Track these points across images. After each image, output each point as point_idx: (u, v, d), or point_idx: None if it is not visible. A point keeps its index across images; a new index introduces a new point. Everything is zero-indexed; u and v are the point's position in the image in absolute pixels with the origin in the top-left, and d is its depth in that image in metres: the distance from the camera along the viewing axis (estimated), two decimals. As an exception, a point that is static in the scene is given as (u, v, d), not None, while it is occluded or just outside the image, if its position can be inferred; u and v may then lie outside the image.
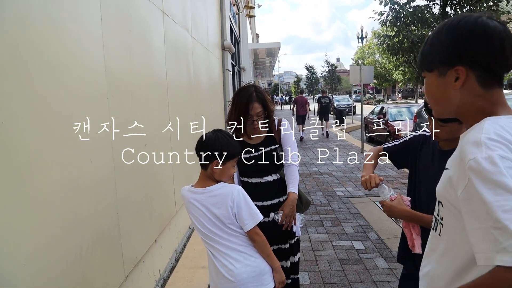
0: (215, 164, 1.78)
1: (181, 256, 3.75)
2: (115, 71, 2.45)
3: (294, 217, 2.31)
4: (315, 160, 9.34)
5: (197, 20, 5.48)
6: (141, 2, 3.03)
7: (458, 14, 8.39)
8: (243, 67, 14.24)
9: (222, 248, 1.81)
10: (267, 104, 2.34)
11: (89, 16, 2.13)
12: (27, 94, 1.54)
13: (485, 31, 0.95)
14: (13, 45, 1.47)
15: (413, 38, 11.43)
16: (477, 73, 0.97)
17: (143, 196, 2.92)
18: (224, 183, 1.85)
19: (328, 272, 3.48)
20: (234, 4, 11.89)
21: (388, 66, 31.16)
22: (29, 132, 1.55)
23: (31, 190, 1.55)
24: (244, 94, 2.30)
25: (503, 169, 0.81)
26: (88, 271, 1.98)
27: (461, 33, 0.97)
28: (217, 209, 1.77)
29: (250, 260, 1.81)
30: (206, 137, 1.81)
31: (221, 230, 1.79)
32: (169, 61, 3.78)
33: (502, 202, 0.79)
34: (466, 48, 0.97)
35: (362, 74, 10.37)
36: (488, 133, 0.88)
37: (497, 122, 0.93)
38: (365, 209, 5.28)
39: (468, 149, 0.88)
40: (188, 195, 1.85)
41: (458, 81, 0.99)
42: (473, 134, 0.91)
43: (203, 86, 5.78)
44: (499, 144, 0.85)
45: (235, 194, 1.77)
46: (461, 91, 1.00)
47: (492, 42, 0.94)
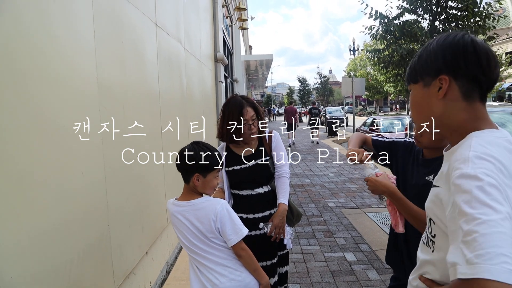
0: (196, 178, 1.76)
1: (172, 269, 3.72)
2: (107, 82, 2.46)
3: (284, 229, 2.31)
4: (307, 171, 9.37)
5: (190, 32, 5.53)
6: (134, 14, 3.06)
7: (446, 30, 8.48)
8: (236, 79, 14.32)
9: (206, 262, 1.78)
10: (258, 108, 2.38)
11: (82, 28, 2.15)
12: (18, 104, 1.55)
13: (471, 45, 0.99)
14: (7, 56, 1.48)
15: (402, 52, 11.62)
16: (460, 83, 1.00)
17: (134, 208, 2.91)
18: (208, 196, 1.83)
19: (320, 284, 3.47)
20: (227, 17, 12.01)
21: (379, 79, 31.53)
22: (20, 143, 1.55)
23: (21, 202, 1.55)
24: (235, 102, 2.32)
25: (486, 185, 0.81)
26: (78, 283, 1.96)
27: (448, 45, 1.02)
28: (200, 223, 1.74)
29: (235, 274, 1.78)
30: (184, 151, 1.79)
31: (205, 244, 1.77)
32: (162, 73, 3.80)
33: (477, 215, 0.77)
34: (450, 58, 1.01)
35: (354, 86, 10.49)
36: (476, 151, 0.89)
37: (483, 138, 0.94)
38: (357, 221, 5.29)
39: (456, 166, 0.89)
40: (172, 208, 1.83)
41: (441, 90, 1.02)
42: (461, 152, 0.92)
43: (196, 97, 5.80)
44: (485, 162, 0.86)
45: (219, 209, 1.74)
46: (444, 102, 1.03)
47: (477, 54, 0.98)
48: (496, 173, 0.84)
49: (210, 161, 1.78)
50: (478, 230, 0.75)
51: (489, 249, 0.72)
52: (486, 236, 0.74)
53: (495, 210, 0.77)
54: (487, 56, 0.99)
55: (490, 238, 0.73)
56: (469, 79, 1.00)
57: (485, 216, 0.76)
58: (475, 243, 0.74)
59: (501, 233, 0.74)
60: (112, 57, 2.57)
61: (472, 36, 1.01)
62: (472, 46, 0.99)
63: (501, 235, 0.74)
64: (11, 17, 1.52)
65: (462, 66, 0.99)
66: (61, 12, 1.91)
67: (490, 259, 0.71)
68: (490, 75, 1.00)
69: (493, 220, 0.75)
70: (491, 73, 1.00)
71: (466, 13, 10.47)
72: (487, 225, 0.75)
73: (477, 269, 0.71)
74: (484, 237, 0.74)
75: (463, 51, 0.99)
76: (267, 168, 2.38)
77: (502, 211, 0.77)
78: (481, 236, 0.74)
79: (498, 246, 0.72)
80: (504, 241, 0.73)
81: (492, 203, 0.78)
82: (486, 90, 1.03)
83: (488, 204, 0.78)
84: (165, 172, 3.75)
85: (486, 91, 1.03)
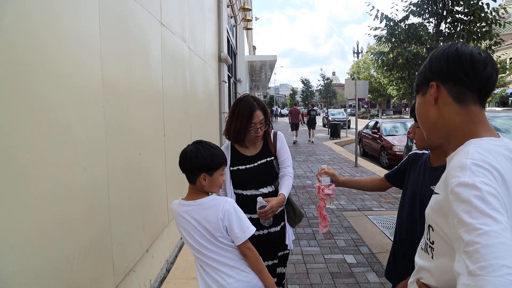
0: (203, 178, 1.76)
1: (172, 267, 3.73)
2: (112, 80, 2.47)
3: (272, 212, 2.26)
4: (309, 172, 9.37)
5: (195, 32, 5.54)
6: (140, 12, 3.07)
7: (452, 33, 8.45)
8: (239, 79, 14.33)
9: (213, 263, 1.77)
10: (267, 111, 2.38)
11: (88, 25, 2.16)
12: (23, 100, 1.56)
13: (454, 49, 1.04)
14: (11, 53, 1.49)
15: (407, 55, 11.59)
16: (448, 87, 1.04)
17: (136, 205, 2.92)
18: (215, 195, 1.82)
19: (319, 286, 3.47)
20: (232, 17, 12.02)
21: (383, 81, 31.47)
22: (23, 139, 1.56)
23: (23, 199, 1.55)
24: (246, 103, 2.31)
25: (485, 194, 0.80)
26: (79, 280, 1.96)
27: (437, 54, 1.08)
28: (208, 222, 1.74)
29: (242, 275, 1.77)
30: (188, 152, 1.78)
31: (212, 244, 1.76)
32: (166, 71, 3.81)
33: (477, 225, 0.77)
34: (436, 64, 1.07)
35: (357, 88, 10.47)
36: (473, 158, 0.89)
37: (481, 146, 0.94)
38: (357, 223, 5.29)
39: (453, 173, 0.89)
40: (178, 209, 1.81)
41: (431, 95, 1.07)
42: (458, 159, 0.93)
43: (199, 96, 5.81)
44: (483, 170, 0.86)
45: (226, 207, 1.74)
46: (437, 107, 1.07)
47: (458, 56, 1.02)
48: (494, 181, 0.84)
49: (215, 159, 1.78)
50: (480, 241, 0.74)
51: (492, 260, 0.71)
52: (488, 247, 0.73)
53: (495, 220, 0.77)
54: (471, 58, 1.01)
55: (492, 250, 0.73)
56: (455, 81, 1.03)
57: (486, 227, 0.76)
58: (477, 254, 0.73)
59: (503, 244, 0.73)
60: (117, 55, 2.58)
61: (460, 44, 1.04)
62: (455, 50, 1.03)
63: (503, 246, 0.73)
64: (15, 14, 1.53)
65: (444, 69, 1.04)
66: (66, 9, 1.92)
67: (494, 271, 0.70)
68: (475, 76, 1.01)
69: (495, 231, 0.75)
70: (476, 74, 1.01)
71: (472, 18, 10.43)
72: (488, 236, 0.74)
73: (481, 282, 0.71)
74: (487, 249, 0.73)
75: (446, 56, 1.04)
76: (272, 168, 2.38)
77: (502, 221, 0.77)
78: (483, 248, 0.73)
79: (501, 258, 0.72)
80: (506, 252, 0.72)
81: (492, 212, 0.78)
82: (485, 94, 1.03)
83: (488, 214, 0.77)
84: (167, 170, 3.76)
85: (484, 94, 1.03)
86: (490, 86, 1.03)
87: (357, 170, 9.64)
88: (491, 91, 1.04)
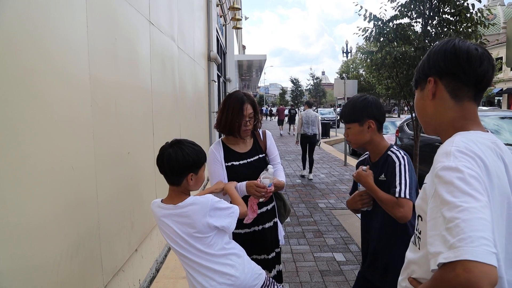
0: (190, 177, 1.74)
1: (162, 266, 3.71)
2: (100, 78, 2.45)
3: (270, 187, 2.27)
4: (298, 171, 9.40)
5: (184, 31, 5.51)
6: (128, 11, 3.05)
7: (439, 33, 8.52)
8: (229, 78, 14.31)
9: (196, 266, 1.76)
10: (256, 106, 2.43)
11: (75, 23, 2.14)
12: (9, 99, 1.54)
13: (451, 45, 1.07)
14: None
15: (395, 54, 11.67)
16: (445, 82, 1.07)
17: (124, 204, 2.90)
18: (194, 196, 1.79)
19: (309, 284, 3.50)
20: (221, 16, 12.00)
21: (371, 81, 31.67)
22: (9, 137, 1.54)
23: (9, 196, 1.53)
24: (237, 96, 2.35)
25: (467, 176, 0.85)
26: (66, 280, 1.95)
27: (435, 50, 1.10)
28: (191, 227, 1.71)
29: (226, 278, 1.76)
30: (172, 154, 1.73)
31: (194, 247, 1.73)
32: (155, 70, 3.79)
33: (458, 203, 0.81)
34: (434, 59, 1.09)
35: (346, 87, 10.54)
36: (458, 146, 0.94)
37: (466, 136, 0.98)
38: (346, 221, 5.33)
39: (438, 159, 0.94)
40: (159, 212, 1.78)
41: (429, 90, 1.10)
42: (444, 147, 0.97)
43: (189, 95, 5.79)
44: (466, 157, 0.90)
45: (209, 204, 1.72)
46: (434, 102, 1.10)
47: (455, 52, 1.05)
48: (477, 167, 0.89)
49: (200, 156, 1.78)
50: (460, 216, 0.80)
51: (470, 233, 0.77)
52: (467, 221, 0.78)
53: (475, 198, 0.82)
54: (468, 54, 1.04)
55: (471, 223, 0.78)
56: (452, 77, 1.06)
57: (466, 204, 0.81)
58: (457, 228, 0.78)
59: (481, 219, 0.79)
60: (105, 53, 2.56)
61: (458, 40, 1.07)
62: (452, 46, 1.06)
63: (481, 220, 0.79)
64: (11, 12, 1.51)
65: (441, 64, 1.07)
66: (53, 7, 1.90)
67: (472, 242, 0.76)
68: (471, 72, 1.04)
69: (474, 207, 0.80)
70: (472, 70, 1.03)
71: (458, 18, 10.55)
72: (468, 212, 0.80)
73: (460, 252, 0.75)
74: (466, 223, 0.78)
75: (444, 52, 1.07)
76: (265, 164, 2.43)
77: (482, 200, 0.82)
78: (463, 222, 0.79)
79: (479, 230, 0.77)
80: (484, 225, 0.78)
81: (473, 192, 0.83)
82: (481, 89, 1.06)
83: (469, 193, 0.83)
84: (156, 169, 3.72)
85: (480, 90, 1.06)
86: (486, 82, 1.06)
87: (346, 169, 9.70)
88: (487, 87, 1.08)
